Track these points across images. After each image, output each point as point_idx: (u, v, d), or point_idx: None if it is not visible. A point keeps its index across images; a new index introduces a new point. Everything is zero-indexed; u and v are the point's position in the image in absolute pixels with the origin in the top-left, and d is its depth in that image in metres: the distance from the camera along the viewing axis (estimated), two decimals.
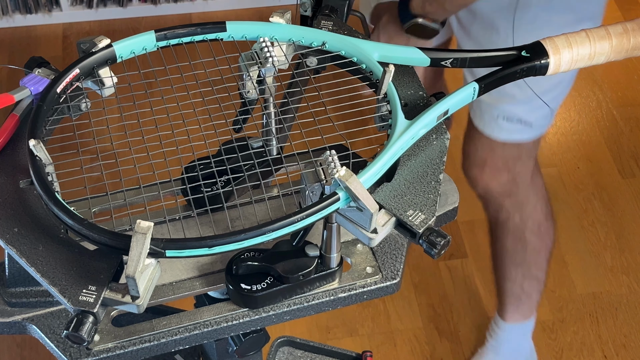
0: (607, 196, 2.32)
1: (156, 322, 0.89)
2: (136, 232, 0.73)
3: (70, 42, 2.67)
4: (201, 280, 0.91)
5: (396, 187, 0.83)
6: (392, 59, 0.92)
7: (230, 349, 1.06)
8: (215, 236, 0.75)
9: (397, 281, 0.92)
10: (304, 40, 0.93)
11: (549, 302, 2.11)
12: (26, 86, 0.87)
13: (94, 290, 0.75)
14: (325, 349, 1.33)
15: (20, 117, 0.87)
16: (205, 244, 0.75)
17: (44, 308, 0.89)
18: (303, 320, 2.07)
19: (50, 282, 0.76)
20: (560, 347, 2.04)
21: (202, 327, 0.89)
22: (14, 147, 0.87)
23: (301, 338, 1.33)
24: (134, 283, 0.74)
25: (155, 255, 0.74)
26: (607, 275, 2.16)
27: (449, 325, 2.07)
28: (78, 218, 0.76)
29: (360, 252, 0.95)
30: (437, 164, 0.87)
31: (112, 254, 0.77)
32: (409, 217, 0.80)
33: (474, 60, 0.92)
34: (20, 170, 0.85)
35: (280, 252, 0.88)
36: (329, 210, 0.77)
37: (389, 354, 2.02)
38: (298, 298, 0.90)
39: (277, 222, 0.75)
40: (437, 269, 2.17)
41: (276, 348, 1.32)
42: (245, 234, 0.75)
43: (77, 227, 0.76)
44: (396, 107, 0.87)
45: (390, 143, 0.83)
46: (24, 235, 0.79)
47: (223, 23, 0.92)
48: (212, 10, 2.76)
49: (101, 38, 0.89)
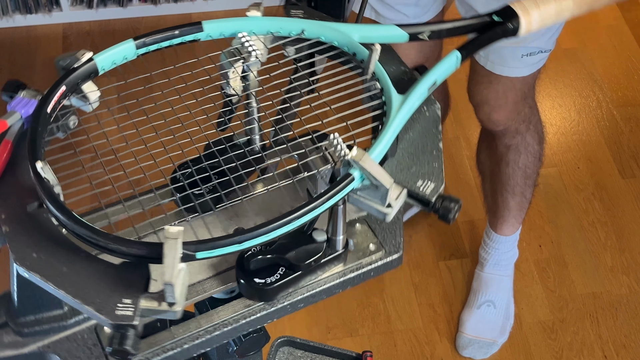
0: (607, 196, 2.32)
1: (174, 329, 0.88)
2: (167, 237, 0.72)
3: (70, 42, 2.67)
4: (210, 282, 0.91)
5: (401, 161, 0.86)
6: (373, 39, 0.93)
7: (230, 349, 1.06)
8: (244, 231, 0.75)
9: (400, 254, 0.95)
10: (282, 31, 0.94)
11: (549, 302, 2.11)
12: (16, 110, 0.85)
13: (129, 303, 0.74)
14: (325, 349, 1.33)
15: (13, 142, 0.85)
16: (236, 240, 0.74)
17: (57, 333, 0.88)
18: (303, 320, 2.07)
19: (83, 302, 0.74)
20: (560, 347, 2.04)
21: (222, 327, 0.89)
22: (13, 173, 0.85)
23: (301, 338, 1.33)
24: (171, 289, 0.73)
25: (187, 258, 0.74)
26: (607, 275, 2.16)
27: (449, 325, 2.07)
28: (102, 233, 0.75)
29: (360, 231, 0.96)
30: (434, 134, 0.89)
31: (140, 265, 0.76)
32: (419, 188, 0.83)
33: (450, 30, 0.95)
34: (25, 195, 0.83)
35: (289, 242, 0.88)
36: (346, 191, 0.79)
37: (389, 354, 2.02)
38: (311, 284, 0.91)
39: (303, 209, 0.76)
40: (437, 269, 2.17)
41: (276, 348, 1.32)
42: (274, 224, 0.75)
43: (104, 242, 0.74)
44: (388, 83, 0.89)
45: (391, 118, 0.85)
46: (44, 259, 0.77)
47: (199, 23, 0.92)
48: (212, 10, 2.76)
49: (83, 52, 0.88)
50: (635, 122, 2.49)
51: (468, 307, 2.06)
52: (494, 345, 2.02)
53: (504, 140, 1.81)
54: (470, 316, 2.04)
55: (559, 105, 2.52)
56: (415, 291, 2.13)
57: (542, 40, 1.56)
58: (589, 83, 2.58)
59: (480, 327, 2.02)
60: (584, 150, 2.42)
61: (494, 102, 1.70)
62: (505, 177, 1.88)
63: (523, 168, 1.85)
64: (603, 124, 2.48)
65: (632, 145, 2.43)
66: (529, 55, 1.58)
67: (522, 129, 1.78)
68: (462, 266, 2.17)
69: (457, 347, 2.02)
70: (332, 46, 0.94)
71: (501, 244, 2.04)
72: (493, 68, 1.62)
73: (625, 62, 2.65)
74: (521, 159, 1.83)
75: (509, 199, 1.92)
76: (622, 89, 2.57)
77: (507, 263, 2.07)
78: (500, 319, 2.04)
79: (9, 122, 0.85)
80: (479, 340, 2.01)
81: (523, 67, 1.60)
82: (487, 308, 2.03)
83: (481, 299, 2.04)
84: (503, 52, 1.58)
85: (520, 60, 1.58)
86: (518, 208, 1.95)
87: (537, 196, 2.31)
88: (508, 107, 1.70)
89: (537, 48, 1.57)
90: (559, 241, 2.22)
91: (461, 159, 2.37)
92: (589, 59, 2.65)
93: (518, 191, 1.90)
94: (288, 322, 2.06)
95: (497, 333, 2.03)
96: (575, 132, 2.46)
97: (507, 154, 1.83)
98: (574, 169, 2.38)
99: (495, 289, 2.05)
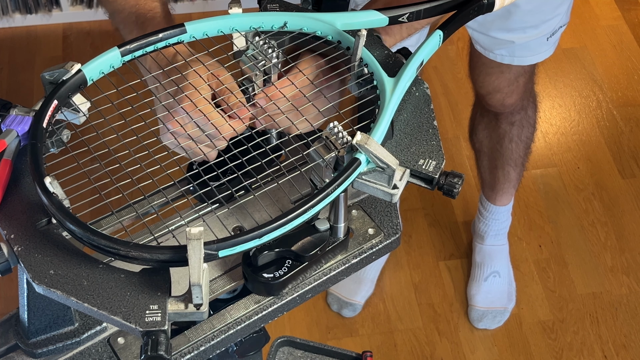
0: (607, 196, 2.32)
1: (189, 333, 0.88)
2: (190, 239, 0.72)
3: (70, 42, 2.67)
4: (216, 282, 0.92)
5: (400, 142, 0.88)
6: (354, 25, 0.95)
7: (230, 349, 1.06)
8: (263, 225, 0.75)
9: (398, 236, 0.96)
10: (264, 25, 0.94)
11: (549, 302, 2.11)
12: (12, 128, 0.84)
13: (156, 309, 0.74)
14: (325, 349, 1.33)
15: (12, 160, 0.85)
16: (256, 235, 0.75)
17: (71, 350, 0.88)
18: (303, 320, 2.07)
19: (110, 312, 0.74)
20: (560, 347, 2.04)
21: (236, 325, 0.89)
22: (17, 192, 0.84)
23: (301, 338, 1.33)
24: (199, 290, 0.73)
25: (210, 258, 0.74)
26: (607, 275, 2.16)
27: (449, 325, 2.07)
28: (122, 242, 0.74)
29: (357, 217, 0.97)
30: (427, 113, 0.91)
31: (160, 269, 0.76)
32: (422, 167, 0.85)
33: (428, 10, 0.96)
34: (32, 212, 0.82)
35: (293, 234, 0.89)
36: (354, 176, 0.80)
37: (389, 354, 2.02)
38: (316, 273, 0.92)
39: (316, 198, 0.77)
40: (437, 269, 2.17)
41: (276, 348, 1.32)
42: (290, 215, 0.76)
43: (124, 251, 0.74)
44: (377, 67, 0.91)
45: (386, 101, 0.87)
46: (62, 275, 0.76)
47: (182, 25, 0.92)
48: (212, 10, 2.76)
49: (71, 64, 0.87)
50: (635, 122, 2.48)
51: (474, 280, 2.10)
52: (505, 312, 2.08)
53: (509, 118, 1.83)
54: (479, 289, 2.09)
55: (559, 105, 2.52)
56: (415, 291, 2.13)
57: (561, 16, 1.58)
58: (589, 83, 2.58)
59: (490, 297, 2.08)
60: (584, 150, 2.42)
61: (507, 89, 1.71)
62: (509, 152, 1.91)
63: (525, 140, 1.89)
64: (603, 124, 2.48)
65: (632, 145, 2.43)
66: (552, 35, 1.60)
67: (525, 104, 1.81)
68: (462, 266, 2.17)
69: (470, 320, 2.07)
70: (316, 36, 0.95)
71: (500, 214, 2.08)
72: (522, 62, 1.64)
73: (625, 62, 2.65)
74: (524, 132, 1.87)
75: (511, 172, 1.96)
76: (622, 89, 2.57)
77: (504, 232, 2.13)
78: (506, 286, 2.10)
79: (7, 141, 0.84)
80: (491, 310, 2.07)
81: (549, 48, 1.63)
82: (493, 279, 2.09)
83: (487, 271, 2.09)
84: (530, 44, 1.60)
85: (547, 43, 1.61)
86: (517, 177, 2.00)
87: (537, 196, 2.31)
88: (520, 90, 1.72)
89: (559, 24, 1.59)
90: (559, 241, 2.22)
91: (461, 159, 2.37)
92: (589, 59, 2.64)
93: (519, 162, 1.95)
94: (288, 322, 2.06)
95: (506, 300, 2.09)
96: (575, 132, 2.46)
97: (510, 130, 1.85)
98: (574, 169, 2.37)
99: (498, 259, 2.11)
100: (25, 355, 0.88)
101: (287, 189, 0.96)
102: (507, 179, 1.98)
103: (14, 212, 0.82)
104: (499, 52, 1.61)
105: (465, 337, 2.06)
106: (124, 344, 0.89)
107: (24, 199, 0.83)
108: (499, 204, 2.06)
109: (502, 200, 2.05)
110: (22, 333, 0.88)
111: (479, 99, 1.83)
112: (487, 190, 2.05)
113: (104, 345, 0.88)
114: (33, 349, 0.88)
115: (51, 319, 0.86)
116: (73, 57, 2.45)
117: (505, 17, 1.53)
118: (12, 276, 0.83)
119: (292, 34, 0.95)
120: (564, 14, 1.59)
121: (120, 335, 0.89)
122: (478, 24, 1.58)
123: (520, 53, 1.61)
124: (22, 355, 0.89)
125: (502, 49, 1.60)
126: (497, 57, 1.62)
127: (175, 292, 0.77)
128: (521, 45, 1.58)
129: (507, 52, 1.60)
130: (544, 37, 1.59)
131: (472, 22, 1.48)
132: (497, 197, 2.05)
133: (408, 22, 0.96)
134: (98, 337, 0.89)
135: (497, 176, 1.98)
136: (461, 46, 2.63)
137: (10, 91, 2.53)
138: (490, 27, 1.56)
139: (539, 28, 1.56)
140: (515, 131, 1.85)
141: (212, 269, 0.92)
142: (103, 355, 0.88)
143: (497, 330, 2.07)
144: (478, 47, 1.64)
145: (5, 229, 0.80)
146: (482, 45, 1.62)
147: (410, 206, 2.28)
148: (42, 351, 0.87)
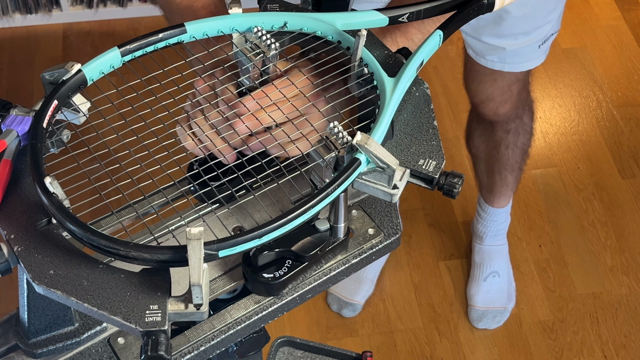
0: (607, 196, 2.32)
1: (189, 333, 0.88)
2: (190, 239, 0.72)
3: (70, 42, 2.67)
4: (216, 283, 0.92)
5: (400, 142, 0.87)
6: (354, 25, 0.95)
7: (230, 349, 1.06)
8: (263, 225, 0.75)
9: (398, 236, 0.96)
10: (264, 25, 0.94)
11: (549, 302, 2.11)
12: (12, 128, 0.84)
13: (157, 309, 0.74)
14: (325, 349, 1.33)
15: (12, 161, 0.84)
16: (256, 235, 0.74)
17: (71, 350, 0.88)
18: (303, 320, 2.07)
19: (110, 312, 0.74)
20: (560, 347, 2.04)
21: (236, 325, 0.89)
22: (16, 192, 0.84)
23: (301, 338, 1.33)
24: (199, 290, 0.73)
25: (209, 258, 0.74)
26: (607, 275, 2.16)
27: (449, 325, 2.07)
28: (122, 242, 0.74)
29: (357, 217, 0.97)
30: (427, 113, 0.91)
31: (160, 269, 0.76)
32: (422, 167, 0.85)
33: (428, 10, 0.96)
34: (31, 212, 0.82)
35: (293, 234, 0.89)
36: (354, 176, 0.80)
37: (389, 354, 2.02)
38: (316, 274, 0.92)
39: (316, 198, 0.77)
40: (437, 269, 2.17)
41: (276, 348, 1.32)
42: (290, 215, 0.76)
43: (124, 251, 0.74)
44: (378, 67, 0.90)
45: (387, 101, 0.86)
46: (62, 275, 0.76)
47: (182, 25, 0.92)
48: None
49: (71, 64, 0.87)
50: (635, 122, 2.49)
51: (474, 280, 2.11)
52: (505, 312, 2.08)
53: (504, 126, 1.84)
54: (478, 289, 2.09)
55: (559, 105, 2.52)
56: (415, 291, 2.13)
57: (552, 24, 1.59)
58: (589, 83, 2.58)
59: (489, 297, 2.08)
60: (584, 150, 2.42)
61: (500, 97, 1.72)
62: (505, 158, 1.92)
63: (521, 147, 1.90)
64: (603, 124, 2.48)
65: (632, 145, 2.43)
66: (544, 43, 1.61)
67: (520, 112, 1.81)
68: (462, 266, 2.17)
69: (470, 320, 2.08)
70: (316, 36, 0.95)
71: (498, 216, 2.09)
72: (512, 68, 1.64)
73: (625, 62, 2.65)
74: (520, 139, 1.88)
75: (508, 176, 1.97)
76: (622, 89, 2.57)
77: (504, 232, 2.14)
78: (506, 286, 2.10)
79: (7, 141, 0.84)
80: (491, 310, 2.07)
81: (540, 55, 1.64)
82: (492, 279, 2.10)
83: (486, 271, 2.10)
84: (521, 51, 1.60)
85: (538, 51, 1.62)
86: (515, 181, 2.01)
87: (537, 196, 2.31)
88: (513, 99, 1.73)
89: (550, 32, 1.60)
90: (559, 241, 2.22)
91: (461, 159, 2.37)
92: (589, 59, 2.65)
93: (516, 167, 1.95)
94: (288, 322, 2.06)
95: (506, 300, 2.09)
96: (575, 132, 2.46)
97: (506, 137, 1.86)
98: (574, 169, 2.38)
99: (498, 259, 2.12)
100: (25, 356, 0.88)
101: (287, 189, 0.96)
102: (504, 183, 1.99)
103: (14, 212, 0.82)
104: (490, 58, 1.61)
105: (465, 337, 2.06)
106: (124, 344, 0.89)
107: (24, 199, 0.83)
108: (497, 206, 2.07)
109: (500, 203, 2.06)
110: (22, 333, 0.88)
111: (474, 107, 1.84)
112: (485, 193, 2.06)
113: (104, 346, 0.88)
114: (33, 349, 0.87)
115: (51, 319, 0.86)
116: (73, 57, 2.45)
117: (497, 23, 1.54)
118: (12, 276, 0.83)
119: (292, 34, 0.95)
120: (555, 21, 1.59)
121: (120, 335, 0.89)
122: (471, 28, 1.58)
123: (511, 60, 1.61)
124: (22, 356, 0.88)
125: (494, 55, 1.60)
126: (488, 63, 1.62)
127: (175, 292, 0.77)
128: (512, 51, 1.58)
129: (498, 59, 1.61)
130: (536, 45, 1.60)
131: (466, 26, 1.48)
132: (495, 200, 2.05)
133: (408, 22, 0.96)
134: (98, 337, 0.88)
135: (494, 180, 1.99)
136: (461, 46, 2.63)
137: (10, 91, 2.53)
138: (482, 32, 1.57)
139: (530, 35, 1.57)
140: (511, 138, 1.86)
141: (212, 269, 0.92)
142: (103, 356, 0.88)
143: (497, 330, 2.07)
144: (470, 51, 1.64)
145: (5, 229, 0.80)
146: (474, 50, 1.62)
147: (410, 206, 2.28)
148: (42, 351, 0.87)
